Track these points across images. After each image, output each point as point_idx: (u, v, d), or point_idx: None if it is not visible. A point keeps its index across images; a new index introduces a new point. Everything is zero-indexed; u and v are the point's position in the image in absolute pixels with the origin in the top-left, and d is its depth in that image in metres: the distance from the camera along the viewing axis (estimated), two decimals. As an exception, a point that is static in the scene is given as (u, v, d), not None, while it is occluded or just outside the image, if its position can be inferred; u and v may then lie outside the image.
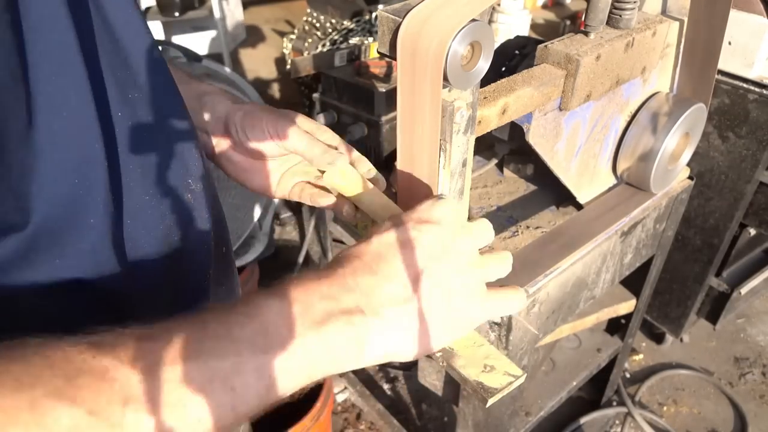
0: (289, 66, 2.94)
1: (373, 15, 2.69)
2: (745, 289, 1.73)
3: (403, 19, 0.50)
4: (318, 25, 2.97)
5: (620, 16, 0.87)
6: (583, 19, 0.93)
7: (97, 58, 0.40)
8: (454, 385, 1.26)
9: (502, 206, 1.12)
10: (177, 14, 3.37)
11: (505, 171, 1.20)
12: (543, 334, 1.07)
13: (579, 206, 1.08)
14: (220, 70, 2.12)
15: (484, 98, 0.75)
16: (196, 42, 3.71)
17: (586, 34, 0.86)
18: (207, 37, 3.77)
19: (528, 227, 1.04)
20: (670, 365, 2.02)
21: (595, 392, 1.86)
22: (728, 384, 1.96)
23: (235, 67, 3.86)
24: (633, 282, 1.41)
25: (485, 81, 0.64)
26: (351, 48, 1.65)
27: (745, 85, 1.39)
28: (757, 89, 1.37)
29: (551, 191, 1.13)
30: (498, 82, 0.78)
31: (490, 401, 0.76)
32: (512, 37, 1.16)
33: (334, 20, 2.88)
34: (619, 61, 0.88)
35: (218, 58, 3.57)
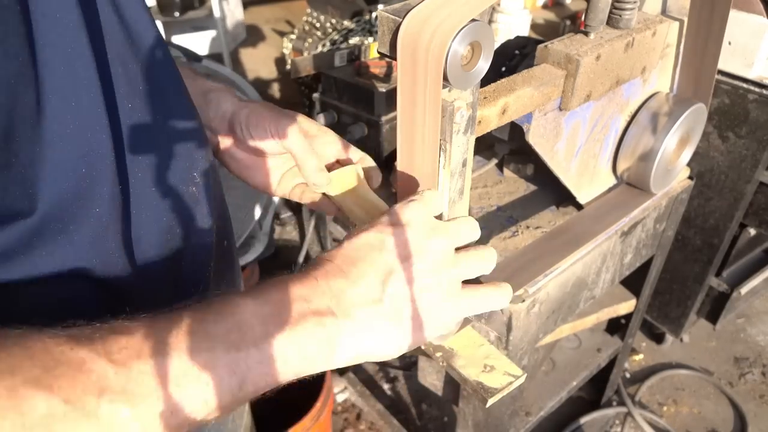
0: (289, 66, 2.94)
1: (373, 15, 2.69)
2: (745, 289, 1.73)
3: (403, 19, 0.50)
4: (318, 25, 2.97)
5: (620, 16, 0.87)
6: (583, 19, 0.93)
7: (106, 51, 0.40)
8: (454, 385, 1.26)
9: (502, 206, 1.12)
10: (177, 14, 3.38)
11: (505, 171, 1.20)
12: (543, 334, 1.07)
13: (579, 206, 1.08)
14: (220, 70, 2.12)
15: (484, 98, 0.75)
16: (196, 42, 3.71)
17: (586, 34, 0.86)
18: (207, 37, 3.77)
19: (528, 227, 1.04)
20: (670, 365, 2.02)
21: (595, 392, 1.86)
22: (728, 384, 1.96)
23: (235, 67, 3.86)
24: (633, 282, 1.41)
25: (485, 81, 0.64)
26: (351, 48, 1.65)
27: (745, 85, 1.39)
28: (757, 89, 1.37)
29: (551, 191, 1.13)
30: (498, 82, 0.78)
31: (490, 401, 0.76)
32: (512, 37, 1.16)
33: (334, 20, 2.88)
34: (619, 61, 0.88)
35: (218, 58, 3.58)
